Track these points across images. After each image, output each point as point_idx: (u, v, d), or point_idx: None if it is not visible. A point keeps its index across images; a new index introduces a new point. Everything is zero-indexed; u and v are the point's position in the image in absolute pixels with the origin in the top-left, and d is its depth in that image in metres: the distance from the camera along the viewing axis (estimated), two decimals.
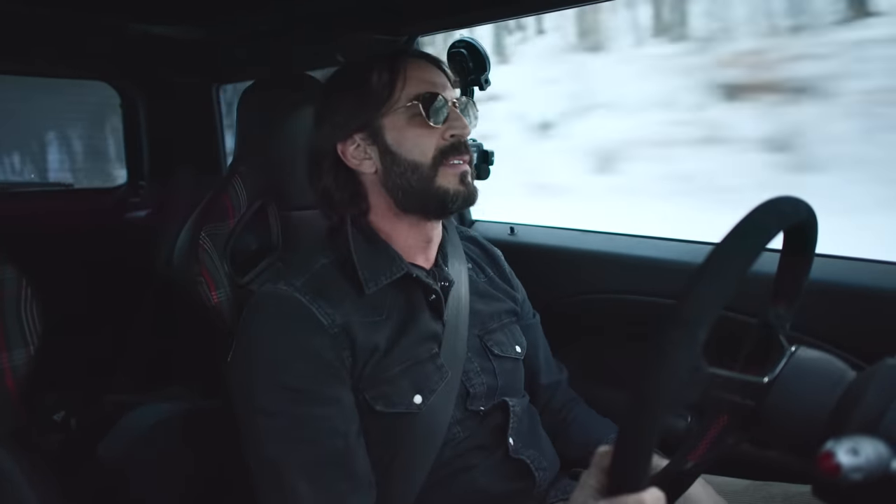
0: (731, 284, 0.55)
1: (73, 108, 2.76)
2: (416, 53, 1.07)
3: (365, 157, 1.03)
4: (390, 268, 1.01)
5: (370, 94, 1.01)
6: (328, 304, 0.95)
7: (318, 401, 0.90)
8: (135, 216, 2.43)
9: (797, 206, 0.65)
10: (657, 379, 0.54)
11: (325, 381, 0.92)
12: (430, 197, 1.01)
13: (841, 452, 0.48)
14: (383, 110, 1.00)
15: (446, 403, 1.01)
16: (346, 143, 1.02)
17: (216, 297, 1.19)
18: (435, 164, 1.00)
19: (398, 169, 1.01)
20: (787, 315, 0.77)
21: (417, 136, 1.00)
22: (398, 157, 1.00)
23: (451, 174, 1.01)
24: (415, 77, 1.01)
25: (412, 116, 1.00)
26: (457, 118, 1.01)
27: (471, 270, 1.18)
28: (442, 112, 1.00)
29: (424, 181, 1.00)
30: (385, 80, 1.01)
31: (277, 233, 1.33)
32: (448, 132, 1.01)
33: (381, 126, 1.01)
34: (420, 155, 1.00)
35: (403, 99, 1.00)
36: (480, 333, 1.12)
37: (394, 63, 1.02)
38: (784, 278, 0.76)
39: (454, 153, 1.01)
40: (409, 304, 1.04)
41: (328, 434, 0.90)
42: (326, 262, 1.01)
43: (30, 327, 0.86)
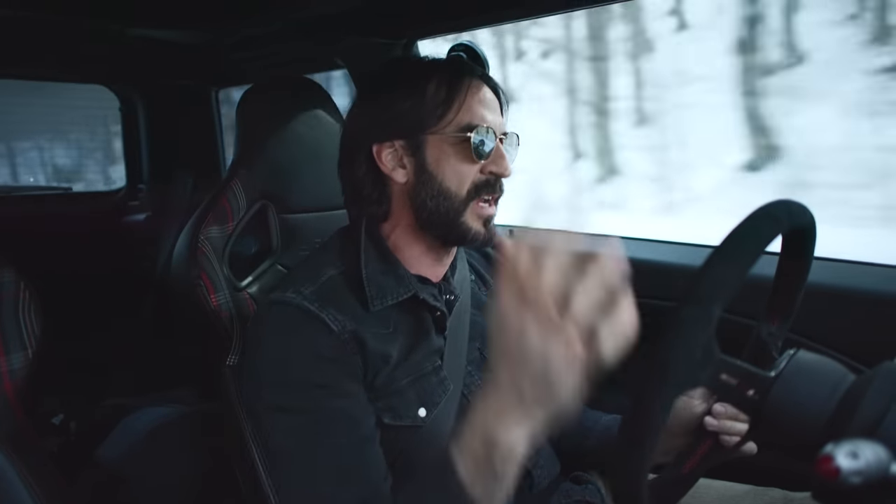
0: (747, 266, 0.57)
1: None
2: (476, 72, 1.01)
3: (399, 164, 0.99)
4: (398, 288, 0.99)
5: (423, 107, 0.97)
6: (337, 310, 0.93)
7: (334, 395, 0.89)
8: (134, 220, 2.43)
9: (804, 210, 0.67)
10: (671, 353, 0.54)
11: (338, 377, 0.90)
12: (453, 228, 0.98)
13: (840, 456, 0.48)
14: (432, 128, 0.97)
15: (448, 417, 1.00)
16: (382, 145, 0.99)
17: (215, 300, 1.19)
18: (468, 199, 0.97)
19: (431, 191, 0.97)
20: (780, 332, 0.77)
21: (458, 164, 0.96)
22: (433, 178, 0.97)
23: (478, 214, 0.98)
24: (471, 105, 0.97)
25: (458, 144, 0.96)
26: (501, 157, 0.98)
27: (473, 283, 1.17)
28: (488, 148, 0.96)
29: (452, 212, 0.97)
30: (442, 97, 0.96)
31: (276, 236, 1.32)
32: (489, 168, 0.97)
33: (424, 141, 0.97)
34: (456, 184, 0.97)
35: (455, 125, 0.96)
36: (481, 346, 1.11)
37: (455, 80, 0.97)
38: (779, 294, 0.77)
39: (489, 191, 0.98)
40: (416, 321, 1.02)
41: (348, 425, 0.88)
42: (334, 274, 0.99)
43: (28, 331, 0.85)
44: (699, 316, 0.55)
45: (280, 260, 1.34)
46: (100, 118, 2.75)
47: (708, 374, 0.59)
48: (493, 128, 0.97)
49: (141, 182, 2.47)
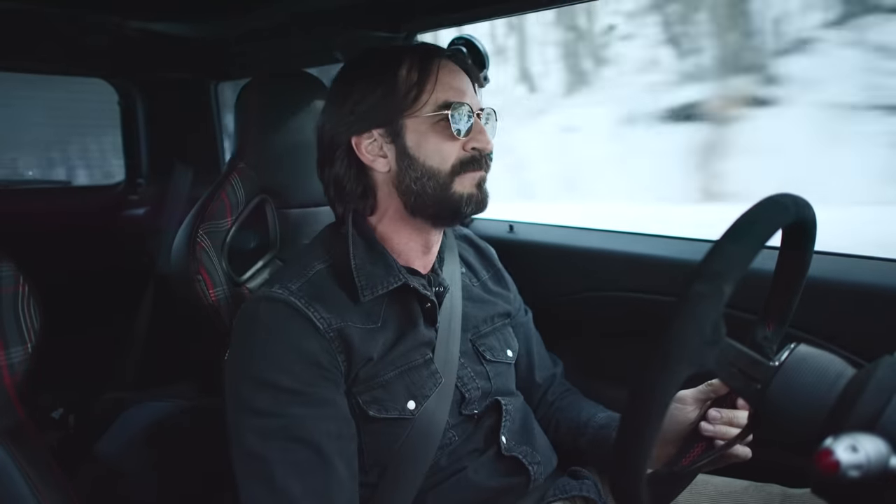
0: (756, 247, 0.58)
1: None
2: (448, 54, 1.02)
3: (380, 154, 1.00)
4: (387, 277, 0.99)
5: (396, 92, 0.97)
6: (324, 308, 0.94)
7: (310, 402, 0.89)
8: (133, 214, 2.43)
9: (808, 205, 0.68)
10: (682, 329, 0.54)
11: (318, 384, 0.90)
12: (445, 203, 0.99)
13: (840, 450, 0.47)
14: (408, 111, 0.98)
15: (440, 409, 1.01)
16: (361, 137, 0.99)
17: (214, 295, 1.19)
18: (453, 173, 0.98)
19: (414, 173, 0.98)
20: (775, 337, 0.77)
21: (439, 143, 0.97)
22: (416, 161, 0.98)
23: (467, 179, 0.99)
24: (445, 82, 0.98)
25: (437, 123, 0.97)
26: (481, 131, 0.99)
27: (464, 275, 1.17)
28: (467, 123, 0.97)
29: (441, 188, 0.98)
30: (414, 79, 0.97)
31: (275, 230, 1.32)
32: (470, 144, 0.98)
33: (402, 126, 0.98)
34: (440, 162, 0.98)
35: (431, 104, 0.97)
36: (473, 338, 1.12)
37: (425, 62, 0.98)
38: (775, 298, 0.78)
39: (473, 166, 0.99)
40: (405, 312, 1.02)
41: (318, 435, 0.88)
42: (322, 268, 1.00)
43: (27, 325, 0.85)
44: (710, 292, 0.55)
45: (279, 255, 1.33)
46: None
47: (715, 356, 0.59)
48: (470, 104, 0.98)
49: (140, 176, 2.46)
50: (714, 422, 0.93)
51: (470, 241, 1.28)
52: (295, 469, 0.87)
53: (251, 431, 0.88)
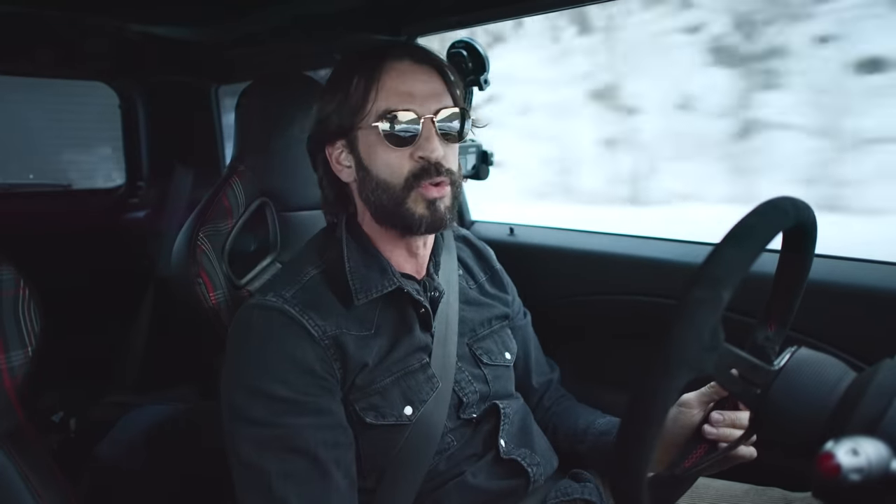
0: (755, 252, 0.58)
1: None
2: (401, 53, 0.97)
3: (345, 164, 1.00)
4: (382, 280, 0.99)
5: (347, 102, 0.96)
6: (318, 315, 0.93)
7: (305, 411, 0.89)
8: (133, 217, 2.43)
9: (808, 208, 0.68)
10: (681, 333, 0.54)
11: (313, 392, 0.90)
12: (397, 217, 0.96)
13: (841, 453, 0.47)
14: (357, 122, 0.96)
15: (438, 414, 1.00)
16: (332, 147, 1.00)
17: (214, 297, 1.19)
18: (407, 187, 0.94)
19: (370, 184, 0.97)
20: (777, 338, 0.77)
21: (386, 154, 0.94)
22: (370, 172, 0.96)
23: (420, 198, 0.94)
24: (390, 88, 0.94)
25: (380, 133, 0.93)
26: (427, 138, 0.93)
27: (461, 277, 1.17)
28: (409, 132, 0.93)
29: (394, 202, 0.95)
30: (361, 88, 0.95)
31: (275, 233, 1.32)
32: (416, 153, 0.94)
33: (356, 138, 0.97)
34: (390, 175, 0.95)
35: (373, 114, 0.93)
36: (470, 342, 1.11)
37: (372, 68, 0.95)
38: (776, 299, 0.78)
39: (426, 176, 0.94)
40: (399, 317, 1.02)
41: (315, 444, 0.88)
42: (316, 274, 0.99)
43: (28, 328, 0.85)
44: (709, 298, 0.55)
45: (279, 257, 1.33)
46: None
47: (714, 362, 0.59)
48: (416, 109, 0.93)
49: (140, 179, 2.47)
50: (717, 424, 0.92)
51: (468, 242, 1.27)
52: (292, 479, 0.86)
53: (247, 441, 0.88)
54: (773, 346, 0.77)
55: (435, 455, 0.99)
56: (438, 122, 0.95)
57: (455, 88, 1.01)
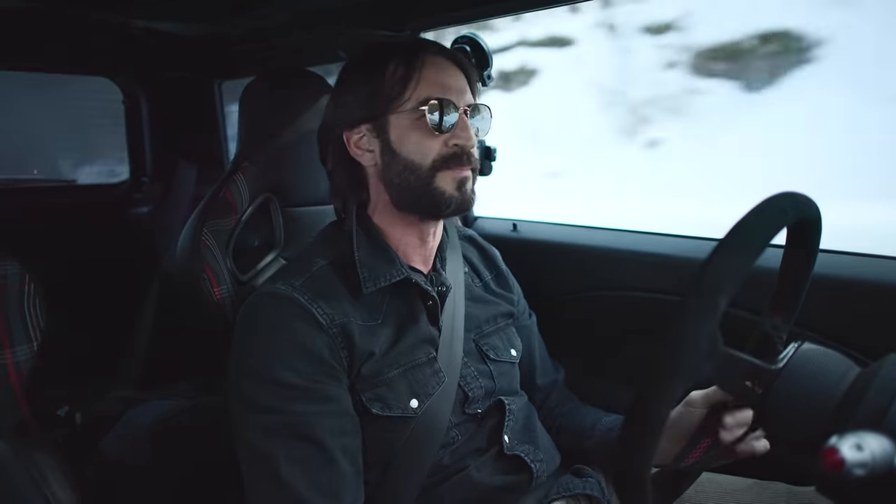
0: (752, 257, 0.57)
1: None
2: (436, 49, 1.02)
3: (367, 149, 1.01)
4: (390, 270, 1.01)
5: (382, 88, 0.98)
6: (327, 304, 0.95)
7: (313, 399, 0.90)
8: (137, 212, 2.43)
9: (809, 202, 0.67)
10: (677, 344, 0.54)
11: (321, 380, 0.91)
12: (425, 197, 0.99)
13: (845, 448, 0.48)
14: (392, 107, 0.98)
15: (443, 408, 1.01)
16: (351, 132, 1.01)
17: (219, 293, 1.19)
18: (434, 168, 0.98)
19: (397, 167, 0.99)
20: (784, 326, 0.77)
21: (420, 139, 0.98)
22: (398, 155, 0.99)
23: (449, 178, 0.99)
24: (429, 78, 0.98)
25: (419, 119, 0.97)
26: (464, 128, 0.99)
27: (467, 275, 1.18)
28: (449, 120, 0.97)
29: (421, 182, 0.98)
30: (399, 76, 0.98)
31: (279, 229, 1.32)
32: (452, 140, 0.98)
33: (387, 122, 0.99)
34: (420, 157, 0.98)
35: (413, 101, 0.97)
36: (476, 337, 1.12)
37: (411, 59, 0.99)
38: (783, 288, 0.77)
39: (455, 162, 0.99)
40: (407, 308, 1.03)
41: (322, 432, 0.89)
42: (324, 264, 1.01)
43: (33, 323, 0.86)
44: (705, 307, 0.55)
45: (283, 253, 1.34)
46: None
47: (712, 367, 0.59)
48: (455, 101, 0.98)
49: (144, 175, 2.47)
50: (730, 427, 0.92)
51: (474, 242, 1.28)
52: (300, 466, 0.87)
53: (255, 428, 0.89)
54: (780, 335, 0.77)
55: (440, 449, 1.00)
56: (470, 117, 1.01)
57: (474, 88, 1.05)
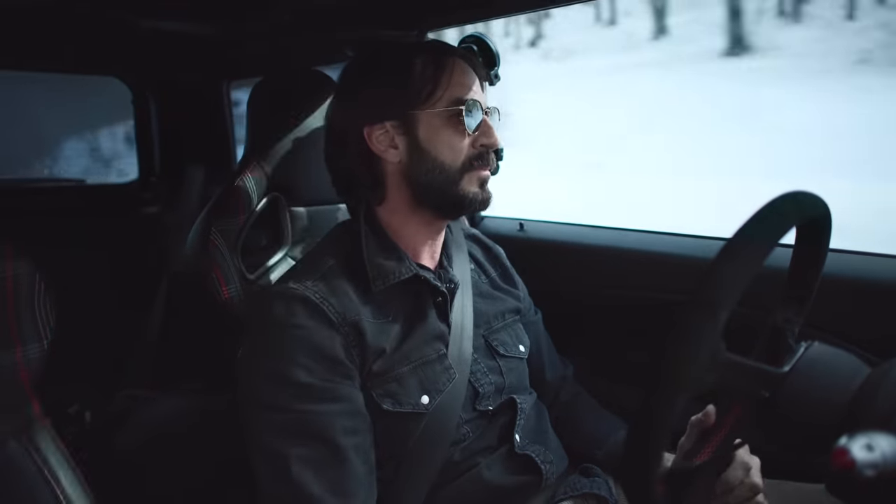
0: (754, 267, 0.56)
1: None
2: (462, 53, 1.05)
3: (391, 145, 1.01)
4: (399, 268, 1.01)
5: (411, 86, 0.99)
6: (338, 302, 0.95)
7: (325, 398, 0.90)
8: (146, 212, 2.45)
9: (815, 201, 0.66)
10: (678, 359, 0.54)
11: (333, 379, 0.91)
12: (449, 197, 1.01)
13: (855, 448, 0.47)
14: (422, 105, 0.99)
15: (454, 404, 1.01)
16: (373, 128, 1.01)
17: (227, 292, 1.20)
18: (463, 170, 1.00)
19: (425, 166, 1.00)
20: (797, 318, 0.77)
21: (451, 138, 0.99)
22: (427, 154, 1.00)
23: (475, 178, 1.02)
24: (459, 80, 1.00)
25: (450, 118, 0.99)
26: (489, 129, 1.01)
27: (473, 272, 1.18)
28: (478, 120, 1.00)
29: (449, 183, 1.00)
30: (429, 74, 0.99)
31: (287, 228, 1.33)
32: (479, 141, 1.01)
33: (415, 119, 1.00)
34: (452, 158, 1.00)
35: (445, 100, 0.99)
36: (485, 333, 1.12)
37: (441, 58, 1.01)
38: (795, 281, 0.77)
39: (481, 162, 1.02)
40: (416, 305, 1.04)
41: (334, 431, 0.89)
42: (333, 263, 1.01)
43: (44, 321, 0.86)
44: (705, 320, 0.54)
45: (291, 252, 1.34)
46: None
47: (715, 377, 0.58)
48: (480, 101, 1.01)
49: (153, 174, 2.48)
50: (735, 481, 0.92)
51: (478, 240, 1.29)
52: (313, 465, 0.88)
53: (267, 427, 0.90)
54: (793, 328, 0.76)
55: (450, 446, 1.00)
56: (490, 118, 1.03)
57: (484, 91, 1.08)
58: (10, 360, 0.83)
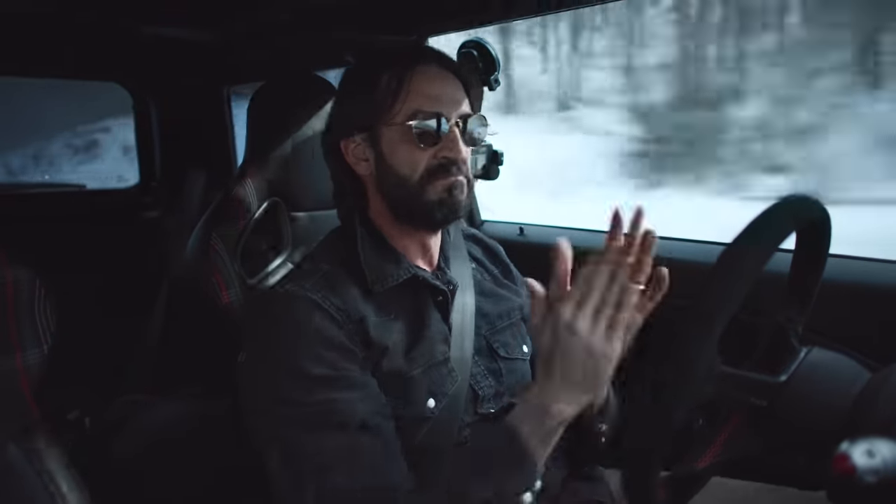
0: (748, 281, 0.56)
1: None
2: (428, 58, 1.02)
3: (363, 158, 1.02)
4: (397, 270, 1.01)
5: (374, 100, 0.99)
6: (341, 301, 0.95)
7: (344, 386, 0.90)
8: (147, 217, 2.45)
9: (811, 205, 0.66)
10: (674, 374, 0.54)
11: (347, 367, 0.91)
12: (416, 210, 1.00)
13: (856, 454, 0.47)
14: (383, 119, 0.99)
15: (457, 408, 1.01)
16: (348, 141, 1.02)
17: (227, 297, 1.20)
18: (422, 183, 0.99)
19: (390, 179, 1.00)
20: (799, 318, 0.76)
21: (410, 152, 0.98)
22: (390, 168, 1.00)
23: (439, 187, 0.99)
24: (419, 90, 0.98)
25: (406, 132, 0.97)
26: (452, 140, 0.98)
27: (475, 270, 1.18)
28: (437, 134, 0.97)
29: (410, 197, 0.99)
30: (391, 87, 0.98)
31: (287, 233, 1.33)
32: (441, 153, 0.98)
33: (379, 133, 1.00)
34: (409, 172, 0.98)
35: (402, 114, 0.97)
36: (487, 334, 1.11)
37: (402, 69, 0.99)
38: (796, 280, 0.76)
39: (443, 173, 0.99)
40: (417, 306, 1.03)
41: (359, 415, 0.88)
42: (332, 267, 1.01)
43: (43, 327, 0.86)
44: (700, 335, 0.54)
45: (291, 257, 1.34)
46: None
47: (711, 389, 0.58)
48: (445, 112, 0.98)
49: (154, 179, 2.48)
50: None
51: (478, 239, 1.28)
52: (338, 453, 0.87)
53: (288, 422, 0.89)
54: (796, 326, 0.76)
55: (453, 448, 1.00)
56: (461, 127, 1.00)
57: (472, 96, 1.05)
58: (11, 365, 0.83)
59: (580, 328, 0.78)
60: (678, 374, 0.54)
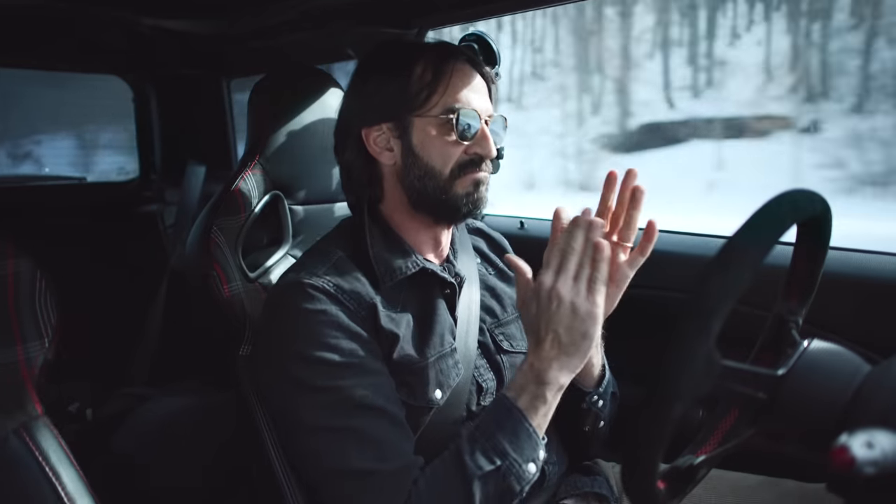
0: (746, 276, 0.56)
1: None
2: (464, 57, 1.03)
3: (386, 147, 1.02)
4: (405, 263, 1.02)
5: (409, 90, 0.99)
6: (351, 289, 0.96)
7: (361, 372, 0.91)
8: (147, 210, 2.45)
9: (812, 198, 0.66)
10: (672, 370, 0.54)
11: (364, 354, 0.92)
12: (444, 203, 1.01)
13: (856, 446, 0.47)
14: (418, 110, 0.99)
15: (461, 399, 1.01)
16: (371, 129, 1.01)
17: (228, 290, 1.20)
18: (452, 177, 1.00)
19: (417, 171, 1.00)
20: (799, 310, 0.76)
21: (443, 145, 0.99)
22: (419, 159, 1.00)
23: (468, 181, 1.01)
24: (457, 86, 0.99)
25: (443, 125, 0.98)
26: (485, 137, 1.00)
27: (480, 265, 1.18)
28: (473, 130, 0.98)
29: (439, 190, 1.00)
30: (428, 79, 0.98)
31: (288, 226, 1.33)
32: (473, 149, 1.00)
33: (410, 124, 1.00)
34: (441, 164, 0.99)
35: (440, 107, 0.98)
36: (491, 328, 1.12)
37: (441, 63, 0.99)
38: (797, 273, 0.76)
39: (472, 168, 1.00)
40: (426, 298, 1.04)
41: (378, 399, 0.90)
42: (342, 255, 1.01)
43: (44, 319, 0.86)
44: (698, 330, 0.54)
45: (292, 250, 1.34)
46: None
47: (710, 384, 0.58)
48: (478, 110, 0.99)
49: (154, 172, 2.48)
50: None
51: (482, 232, 1.28)
52: (363, 436, 0.88)
53: (309, 408, 0.91)
54: (796, 319, 0.76)
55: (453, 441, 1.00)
56: (490, 126, 1.02)
57: (493, 96, 1.07)
58: (12, 357, 0.83)
59: (562, 292, 0.81)
60: (677, 367, 0.54)
